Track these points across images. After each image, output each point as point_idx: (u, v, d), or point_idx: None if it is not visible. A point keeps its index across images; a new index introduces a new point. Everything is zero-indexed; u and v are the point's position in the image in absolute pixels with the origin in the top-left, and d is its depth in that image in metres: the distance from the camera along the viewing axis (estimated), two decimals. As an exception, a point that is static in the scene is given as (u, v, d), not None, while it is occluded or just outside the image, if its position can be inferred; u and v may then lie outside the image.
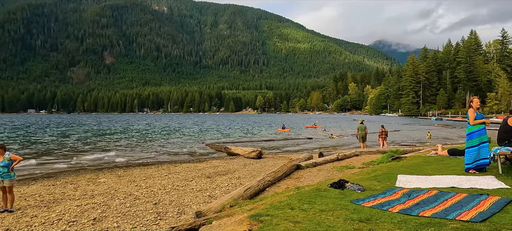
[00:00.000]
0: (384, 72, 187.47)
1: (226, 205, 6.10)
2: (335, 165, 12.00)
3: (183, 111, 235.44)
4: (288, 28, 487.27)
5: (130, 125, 58.33)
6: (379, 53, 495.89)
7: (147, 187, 9.48)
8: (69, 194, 8.82)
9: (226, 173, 11.72)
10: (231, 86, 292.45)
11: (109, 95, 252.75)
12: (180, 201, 7.84)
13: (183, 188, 9.22)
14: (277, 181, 9.38)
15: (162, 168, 13.34)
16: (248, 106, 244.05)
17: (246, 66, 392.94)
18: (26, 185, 10.09)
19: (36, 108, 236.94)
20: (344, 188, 5.71)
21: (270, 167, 12.37)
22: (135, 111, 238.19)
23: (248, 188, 7.57)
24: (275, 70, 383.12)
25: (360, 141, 18.72)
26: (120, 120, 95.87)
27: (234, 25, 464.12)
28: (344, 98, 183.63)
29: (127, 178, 10.97)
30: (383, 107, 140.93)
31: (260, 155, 15.60)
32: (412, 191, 5.24)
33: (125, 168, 13.55)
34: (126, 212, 6.96)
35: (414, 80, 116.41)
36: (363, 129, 18.70)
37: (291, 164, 11.09)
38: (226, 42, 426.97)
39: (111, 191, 9.03)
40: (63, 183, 10.35)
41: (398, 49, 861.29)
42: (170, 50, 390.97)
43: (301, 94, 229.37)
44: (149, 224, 6.16)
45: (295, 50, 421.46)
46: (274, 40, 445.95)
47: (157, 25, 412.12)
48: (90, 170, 13.29)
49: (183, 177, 11.03)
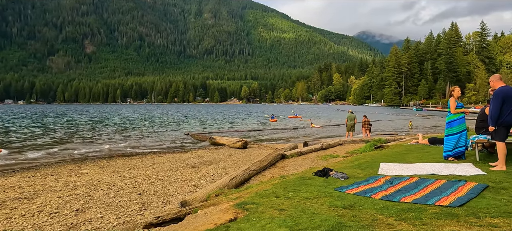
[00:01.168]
0: (367, 63, 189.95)
1: (211, 194, 6.10)
2: (319, 154, 12.15)
3: (167, 101, 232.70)
4: (273, 18, 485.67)
5: (113, 115, 57.28)
6: (363, 44, 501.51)
7: (131, 177, 9.37)
8: (50, 185, 8.63)
9: (211, 163, 11.70)
10: (216, 76, 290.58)
11: (90, 85, 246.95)
12: (165, 191, 7.79)
13: (168, 178, 9.16)
14: (263, 170, 9.44)
15: (146, 158, 13.20)
16: (233, 97, 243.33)
17: (231, 57, 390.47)
18: (5, 177, 9.81)
19: (13, 98, 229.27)
20: (328, 176, 5.80)
21: (256, 157, 12.42)
22: (118, 101, 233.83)
23: (233, 177, 7.59)
24: (260, 61, 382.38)
25: (347, 130, 19.01)
26: (103, 110, 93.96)
27: (218, 14, 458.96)
28: (328, 88, 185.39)
29: (110, 169, 10.81)
30: (366, 98, 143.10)
31: (246, 144, 15.63)
32: (394, 178, 5.37)
33: (108, 159, 13.34)
34: (110, 203, 6.87)
35: (396, 71, 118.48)
36: (352, 119, 19.04)
37: (276, 154, 11.17)
38: (210, 31, 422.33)
39: (94, 182, 8.89)
40: (44, 175, 10.11)
41: (381, 40, 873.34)
42: (153, 40, 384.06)
43: (286, 84, 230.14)
44: (134, 215, 6.10)
45: (280, 41, 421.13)
46: (259, 30, 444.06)
47: (139, 14, 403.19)
48: (72, 161, 13.02)
49: (167, 167, 10.95)
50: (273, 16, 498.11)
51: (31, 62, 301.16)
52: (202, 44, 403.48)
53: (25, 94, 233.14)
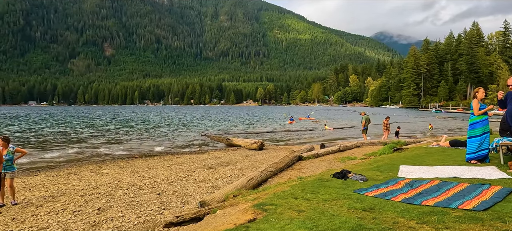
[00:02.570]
0: (385, 64, 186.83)
1: (229, 194, 6.15)
2: (336, 156, 12.05)
3: (184, 103, 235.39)
4: (289, 19, 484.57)
5: (131, 116, 58.40)
6: (380, 45, 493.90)
7: (150, 177, 9.55)
8: (73, 184, 8.89)
9: (228, 164, 11.78)
10: (231, 78, 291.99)
11: (109, 87, 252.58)
12: (184, 191, 7.90)
13: (186, 179, 9.28)
14: (279, 172, 9.44)
15: (164, 159, 13.41)
16: (249, 98, 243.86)
17: (246, 58, 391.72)
18: (30, 175, 10.17)
19: (37, 100, 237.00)
20: (347, 178, 5.75)
21: (272, 158, 12.42)
22: (135, 103, 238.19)
23: (251, 179, 7.63)
24: (276, 62, 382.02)
25: (363, 133, 18.70)
26: (121, 111, 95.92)
27: (234, 16, 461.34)
28: (345, 90, 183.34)
29: (130, 169, 11.04)
30: (384, 99, 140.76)
31: (262, 146, 15.65)
32: (414, 181, 5.28)
33: (127, 159, 13.63)
34: (130, 202, 7.03)
35: (415, 72, 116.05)
36: (369, 121, 18.77)
37: (293, 155, 11.14)
38: (226, 33, 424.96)
39: (115, 181, 9.10)
40: (67, 174, 10.43)
41: (399, 40, 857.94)
42: (170, 42, 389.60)
43: (302, 86, 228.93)
44: (154, 214, 6.22)
45: (296, 42, 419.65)
46: (275, 32, 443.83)
47: (157, 17, 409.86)
48: (93, 161, 13.37)
49: (185, 167, 11.10)
50: (289, 17, 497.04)
51: (53, 65, 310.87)
52: (218, 46, 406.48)
53: (48, 96, 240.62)
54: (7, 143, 6.99)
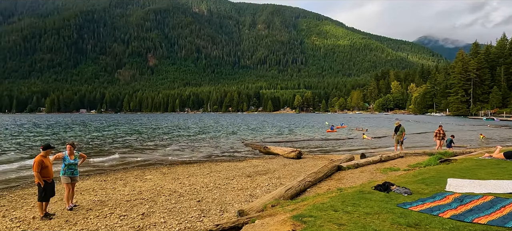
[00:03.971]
0: (430, 70, 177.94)
1: (267, 204, 6.16)
2: (378, 167, 11.63)
3: (222, 111, 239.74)
4: (327, 26, 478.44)
5: (172, 124, 60.42)
6: (424, 49, 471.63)
7: (190, 184, 9.81)
8: (119, 189, 9.37)
9: (266, 172, 11.79)
10: (269, 86, 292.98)
11: (152, 95, 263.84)
12: (222, 199, 8.03)
13: (224, 187, 9.42)
14: (318, 182, 9.29)
15: (203, 166, 13.71)
16: (286, 106, 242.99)
17: (284, 66, 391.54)
18: (81, 180, 10.85)
19: (87, 108, 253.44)
20: (390, 191, 5.53)
21: (310, 168, 12.26)
22: (176, 111, 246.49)
23: (289, 188, 7.58)
24: (314, 69, 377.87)
25: (396, 143, 17.77)
26: (164, 119, 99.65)
27: (272, 24, 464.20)
28: (386, 97, 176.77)
29: (171, 176, 11.42)
30: (428, 107, 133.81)
31: (300, 155, 15.51)
32: (464, 196, 4.96)
33: (169, 166, 14.11)
34: (172, 208, 7.26)
35: (463, 78, 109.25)
36: (402, 131, 17.81)
37: (332, 165, 10.92)
38: (264, 42, 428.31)
39: (157, 187, 9.46)
40: (113, 179, 11.00)
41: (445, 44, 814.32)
42: (210, 51, 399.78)
43: (341, 93, 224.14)
44: (194, 221, 6.38)
45: (335, 48, 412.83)
46: (313, 39, 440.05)
47: (197, 27, 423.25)
48: (137, 167, 13.99)
49: (224, 175, 11.27)
50: (327, 24, 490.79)
51: (102, 75, 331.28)
52: (255, 55, 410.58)
53: (97, 104, 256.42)
54: (74, 148, 7.53)
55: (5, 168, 13.73)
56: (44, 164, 6.67)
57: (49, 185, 6.76)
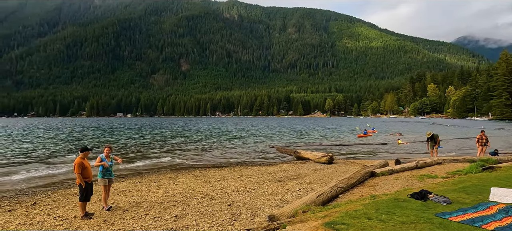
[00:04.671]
0: (470, 71, 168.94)
1: (298, 210, 6.10)
2: (414, 173, 11.17)
3: (252, 114, 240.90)
4: (359, 28, 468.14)
5: (203, 127, 61.54)
6: (463, 50, 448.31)
7: (221, 188, 9.93)
8: (153, 191, 9.66)
9: (296, 177, 11.70)
10: (299, 89, 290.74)
11: (185, 99, 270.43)
12: (253, 203, 8.05)
13: (255, 191, 9.45)
14: (350, 188, 9.08)
15: (234, 170, 13.83)
16: (317, 110, 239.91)
17: (315, 69, 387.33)
18: (118, 181, 11.31)
19: (123, 112, 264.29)
20: (427, 200, 5.30)
21: (342, 173, 12.01)
22: (207, 114, 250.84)
23: (320, 194, 7.47)
24: (345, 72, 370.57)
25: (431, 149, 16.95)
26: (196, 122, 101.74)
27: (302, 28, 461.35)
28: (422, 100, 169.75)
29: (203, 179, 11.61)
30: (469, 110, 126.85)
31: (331, 160, 15.24)
32: (510, 206, 4.65)
33: (200, 169, 14.36)
34: (204, 211, 7.38)
35: (508, 80, 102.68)
36: (436, 138, 16.99)
37: (365, 171, 10.63)
38: (294, 45, 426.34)
39: (189, 190, 9.66)
40: (148, 181, 11.37)
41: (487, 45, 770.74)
42: (240, 56, 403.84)
43: (374, 97, 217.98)
44: (225, 224, 6.44)
45: (367, 51, 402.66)
46: (344, 41, 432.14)
47: (228, 32, 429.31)
48: (170, 170, 14.37)
49: (254, 179, 11.30)
50: (359, 26, 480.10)
51: (137, 80, 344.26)
52: (286, 58, 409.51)
53: (133, 109, 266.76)
54: (111, 151, 7.90)
55: (53, 171, 14.59)
56: (84, 166, 7.02)
57: (90, 186, 7.11)
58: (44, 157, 19.23)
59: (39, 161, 17.24)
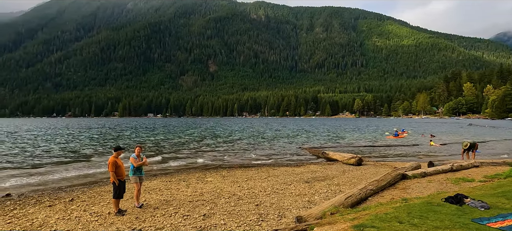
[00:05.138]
0: (510, 69, 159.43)
1: (326, 212, 6.03)
2: (449, 177, 10.71)
3: (279, 115, 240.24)
4: (389, 26, 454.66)
5: (231, 128, 62.11)
6: (503, 47, 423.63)
7: (248, 188, 9.98)
8: (183, 190, 9.88)
9: (324, 178, 11.55)
10: (327, 89, 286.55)
11: (212, 100, 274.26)
12: (280, 204, 8.04)
13: (282, 192, 9.43)
14: (380, 191, 8.85)
15: (261, 170, 13.86)
16: (345, 110, 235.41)
17: (343, 69, 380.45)
18: (149, 180, 11.67)
19: (154, 112, 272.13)
20: (463, 204, 5.07)
21: (372, 175, 11.73)
22: (235, 115, 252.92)
23: (349, 196, 7.34)
24: (375, 72, 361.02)
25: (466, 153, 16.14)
26: (223, 123, 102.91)
27: (330, 27, 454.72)
28: (457, 100, 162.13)
29: (230, 179, 11.74)
30: (509, 110, 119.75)
31: (360, 161, 14.92)
32: (556, 213, 4.36)
33: (228, 169, 14.52)
34: (231, 211, 7.46)
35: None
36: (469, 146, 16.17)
37: (396, 173, 10.31)
38: (322, 45, 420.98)
39: (217, 190, 9.79)
40: (177, 180, 11.64)
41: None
42: (267, 56, 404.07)
43: (405, 96, 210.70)
44: (252, 224, 6.48)
45: (398, 49, 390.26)
46: (374, 40, 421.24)
47: (255, 33, 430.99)
48: (199, 169, 14.63)
49: (281, 180, 11.28)
50: (390, 24, 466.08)
51: (167, 82, 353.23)
52: (313, 58, 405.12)
53: (162, 109, 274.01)
54: (141, 150, 8.19)
55: (89, 169, 15.29)
56: (117, 164, 7.30)
57: (122, 184, 7.38)
58: (81, 155, 20.18)
59: (76, 159, 18.11)
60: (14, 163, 16.59)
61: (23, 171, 14.26)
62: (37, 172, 13.86)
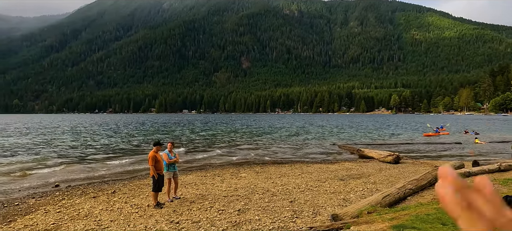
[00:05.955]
0: None
1: (363, 210, 5.89)
2: (496, 177, 10.07)
3: (312, 111, 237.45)
4: (430, 18, 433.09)
5: (264, 124, 62.28)
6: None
7: (282, 184, 9.98)
8: (217, 185, 10.06)
9: (360, 176, 11.28)
10: (362, 85, 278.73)
11: (245, 96, 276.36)
12: (315, 201, 7.96)
13: (316, 189, 9.33)
14: (420, 190, 8.50)
15: (295, 167, 13.79)
16: (381, 106, 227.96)
17: (379, 64, 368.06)
18: (185, 174, 12.00)
19: (188, 109, 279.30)
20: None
21: (411, 174, 11.30)
22: (267, 111, 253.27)
23: (386, 195, 7.12)
24: (413, 66, 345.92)
25: None
26: (256, 119, 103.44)
27: (365, 21, 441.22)
28: (505, 95, 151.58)
29: (264, 175, 11.78)
30: None
31: (398, 159, 14.40)
32: None
33: (261, 165, 14.58)
34: (265, 207, 7.50)
35: None
36: None
37: (437, 172, 9.84)
38: (356, 39, 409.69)
39: (251, 186, 9.87)
40: (212, 175, 11.87)
41: None
42: (300, 52, 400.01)
43: (446, 92, 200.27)
44: (287, 221, 6.47)
45: (439, 42, 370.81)
46: (412, 33, 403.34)
47: (288, 29, 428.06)
48: (233, 165, 14.82)
49: (315, 177, 11.16)
50: (430, 15, 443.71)
51: (201, 79, 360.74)
52: (347, 53, 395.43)
53: (197, 106, 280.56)
54: (173, 146, 8.46)
55: (129, 163, 16.01)
56: (156, 159, 7.58)
57: (161, 178, 7.66)
58: (122, 149, 21.16)
59: (118, 153, 19.02)
60: (64, 156, 17.73)
61: (71, 162, 15.21)
62: (83, 164, 14.74)
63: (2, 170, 13.30)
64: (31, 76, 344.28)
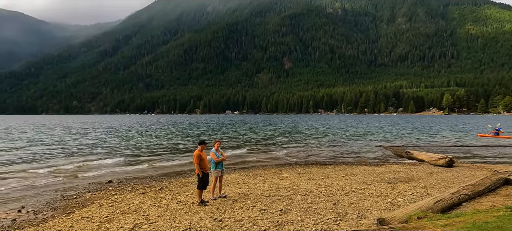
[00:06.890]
0: None
1: (412, 215, 5.58)
2: None
3: (357, 112, 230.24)
4: (488, 10, 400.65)
5: (308, 125, 61.53)
6: None
7: (325, 186, 9.77)
8: (259, 185, 10.10)
9: (408, 180, 10.72)
10: (410, 84, 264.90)
11: (287, 97, 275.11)
12: (359, 204, 7.70)
13: (361, 191, 9.02)
14: (477, 197, 7.88)
15: (338, 168, 13.46)
16: (432, 107, 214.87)
17: (429, 61, 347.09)
18: (228, 173, 12.21)
19: (231, 109, 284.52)
20: None
21: (466, 178, 10.52)
22: (310, 112, 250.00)
23: (439, 200, 6.68)
24: (468, 63, 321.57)
25: None
26: (299, 120, 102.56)
27: (414, 16, 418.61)
28: None
29: (306, 176, 11.63)
30: None
31: (451, 162, 13.49)
32: None
33: (304, 166, 14.41)
34: (308, 208, 7.39)
35: None
36: None
37: (497, 177, 9.07)
38: (404, 36, 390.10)
39: (293, 186, 9.79)
40: (254, 175, 11.95)
41: None
42: (344, 51, 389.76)
43: (507, 91, 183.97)
44: (330, 223, 6.32)
45: (498, 37, 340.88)
46: (468, 28, 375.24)
47: (331, 28, 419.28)
48: (275, 165, 14.81)
49: (360, 179, 10.79)
50: (488, 8, 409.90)
51: (243, 80, 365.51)
52: (394, 51, 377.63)
53: (239, 106, 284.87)
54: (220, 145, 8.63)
55: (175, 161, 16.67)
56: (201, 157, 7.79)
57: (206, 176, 7.86)
58: (168, 148, 22.06)
59: (164, 152, 19.85)
60: (117, 155, 18.90)
61: (123, 160, 16.17)
62: (134, 162, 15.59)
63: (64, 166, 14.46)
64: (88, 80, 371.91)
